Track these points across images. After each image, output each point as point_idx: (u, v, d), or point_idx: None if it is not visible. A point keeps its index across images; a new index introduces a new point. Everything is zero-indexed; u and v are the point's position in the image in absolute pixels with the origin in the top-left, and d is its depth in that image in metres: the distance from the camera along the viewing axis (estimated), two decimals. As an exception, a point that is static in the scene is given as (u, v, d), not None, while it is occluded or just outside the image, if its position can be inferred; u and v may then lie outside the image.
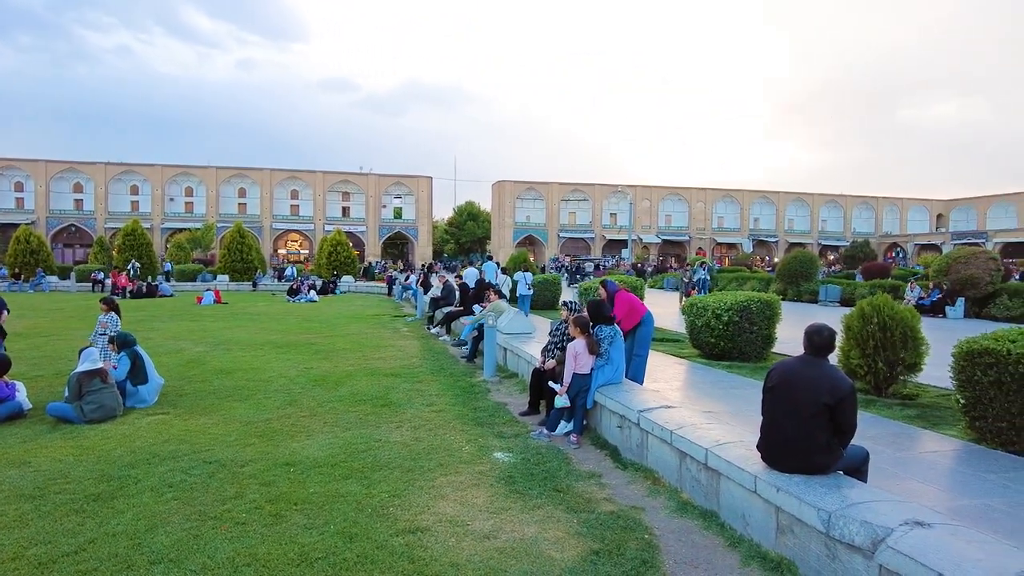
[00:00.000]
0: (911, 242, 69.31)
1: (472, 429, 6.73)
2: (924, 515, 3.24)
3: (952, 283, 20.76)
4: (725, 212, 75.69)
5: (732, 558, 3.87)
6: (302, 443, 6.15)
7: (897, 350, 8.03)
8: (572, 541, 4.08)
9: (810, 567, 3.52)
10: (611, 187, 72.06)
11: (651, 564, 3.78)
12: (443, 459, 5.69)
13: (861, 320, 8.24)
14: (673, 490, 4.94)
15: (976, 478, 5.17)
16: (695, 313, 11.28)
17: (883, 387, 8.15)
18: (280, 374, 9.74)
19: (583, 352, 6.41)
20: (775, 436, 3.97)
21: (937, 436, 6.38)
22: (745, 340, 10.75)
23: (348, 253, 43.37)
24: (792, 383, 3.92)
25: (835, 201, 77.67)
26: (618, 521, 4.38)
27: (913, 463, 5.58)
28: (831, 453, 3.81)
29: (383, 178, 70.91)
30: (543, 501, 4.75)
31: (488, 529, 4.23)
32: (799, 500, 3.58)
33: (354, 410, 7.49)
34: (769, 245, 74.76)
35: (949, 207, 78.41)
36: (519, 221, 71.33)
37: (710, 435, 4.75)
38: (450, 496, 4.81)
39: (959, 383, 6.22)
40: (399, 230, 71.73)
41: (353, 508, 4.54)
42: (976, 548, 2.86)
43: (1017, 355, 5.55)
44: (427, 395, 8.38)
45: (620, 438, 5.97)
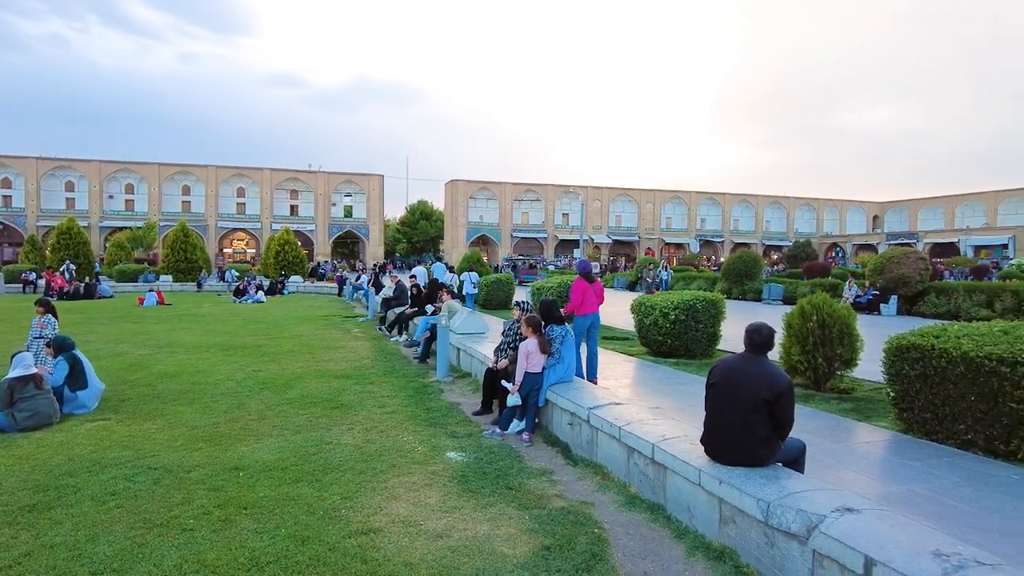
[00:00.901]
0: (850, 242, 72.20)
1: (425, 430, 6.74)
2: (854, 502, 3.44)
3: (886, 282, 21.76)
4: (673, 213, 77.36)
5: (678, 549, 4.01)
6: (251, 447, 6.06)
7: (835, 346, 8.40)
8: (524, 537, 4.16)
9: (751, 555, 3.69)
10: (563, 188, 72.74)
11: (600, 557, 3.88)
12: (396, 460, 5.69)
13: (801, 318, 8.59)
14: (622, 485, 5.08)
15: (903, 466, 5.48)
16: (643, 312, 11.53)
17: (822, 382, 8.51)
18: (227, 377, 9.53)
19: (535, 351, 6.50)
20: (717, 430, 4.13)
21: (870, 427, 6.71)
22: (691, 338, 11.06)
23: (296, 252, 42.55)
24: (733, 379, 4.09)
25: (778, 202, 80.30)
26: (569, 516, 4.48)
27: (847, 454, 5.86)
28: (770, 446, 3.99)
29: (333, 176, 69.83)
30: (495, 499, 4.81)
31: (441, 528, 4.27)
32: (740, 491, 3.74)
33: (304, 413, 7.40)
34: (715, 245, 76.73)
35: (884, 209, 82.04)
36: (472, 221, 71.30)
37: (657, 431, 4.90)
38: (403, 497, 4.83)
39: (889, 377, 6.56)
40: (349, 229, 70.77)
41: (304, 511, 4.51)
42: (899, 531, 3.06)
43: (940, 350, 5.90)
44: (379, 396, 8.33)
45: (571, 435, 6.09)
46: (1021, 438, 5.35)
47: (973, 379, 5.60)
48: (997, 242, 58.12)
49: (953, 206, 72.40)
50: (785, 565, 3.42)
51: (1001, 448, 5.51)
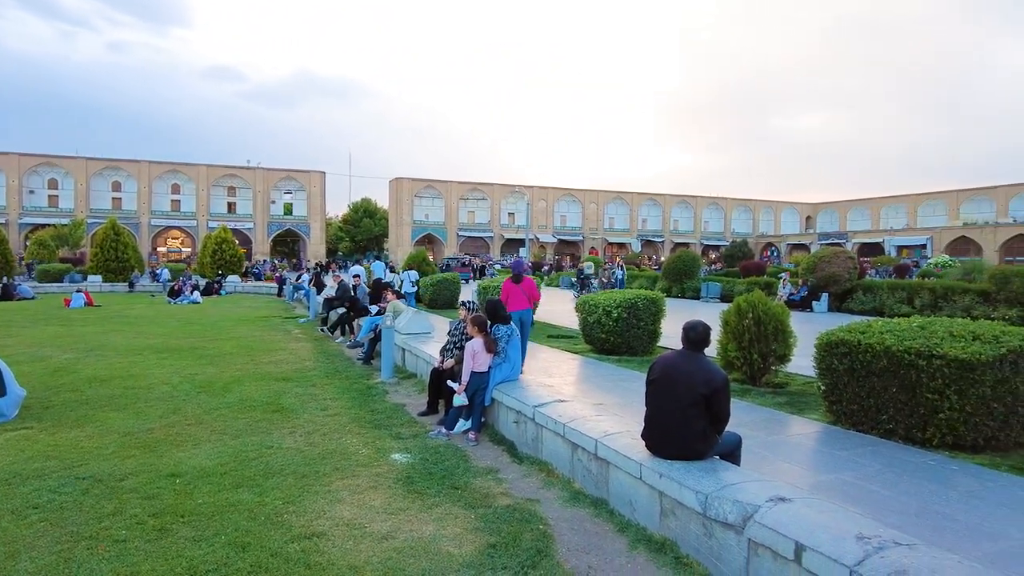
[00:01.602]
0: (784, 242, 75.04)
1: (369, 432, 6.68)
2: (786, 492, 3.60)
3: (817, 280, 22.74)
4: (616, 213, 78.73)
5: (621, 542, 4.10)
6: (188, 452, 5.86)
7: (769, 343, 8.73)
8: (470, 536, 4.17)
9: (690, 546, 3.81)
10: (509, 187, 73.00)
11: (545, 554, 3.94)
12: (339, 463, 5.62)
13: (738, 315, 8.89)
14: (566, 481, 5.16)
15: (832, 456, 5.76)
16: (587, 310, 11.71)
17: (757, 377, 8.83)
18: (162, 381, 9.18)
19: (481, 351, 6.52)
20: (657, 425, 4.25)
21: (802, 420, 7.01)
22: (633, 335, 11.30)
23: (234, 251, 41.26)
24: (671, 376, 4.22)
25: (716, 203, 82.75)
26: (514, 514, 4.52)
27: (782, 445, 6.11)
28: (708, 440, 4.13)
29: (272, 172, 68.07)
30: (441, 499, 4.81)
31: (386, 530, 4.24)
32: (680, 485, 3.86)
33: (243, 416, 7.21)
34: (656, 245, 78.47)
35: (816, 210, 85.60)
36: (417, 219, 70.73)
37: (600, 427, 5.00)
38: (347, 500, 4.77)
39: (820, 371, 6.88)
40: (290, 227, 69.11)
41: (245, 517, 4.40)
42: (827, 517, 3.22)
43: (866, 345, 6.22)
44: (321, 399, 8.19)
45: (517, 433, 6.14)
46: (935, 426, 5.70)
47: (894, 372, 5.93)
48: (917, 242, 61.53)
49: (878, 208, 76.20)
50: (723, 554, 3.55)
51: (918, 436, 5.85)
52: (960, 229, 60.63)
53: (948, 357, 5.56)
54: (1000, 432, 5.72)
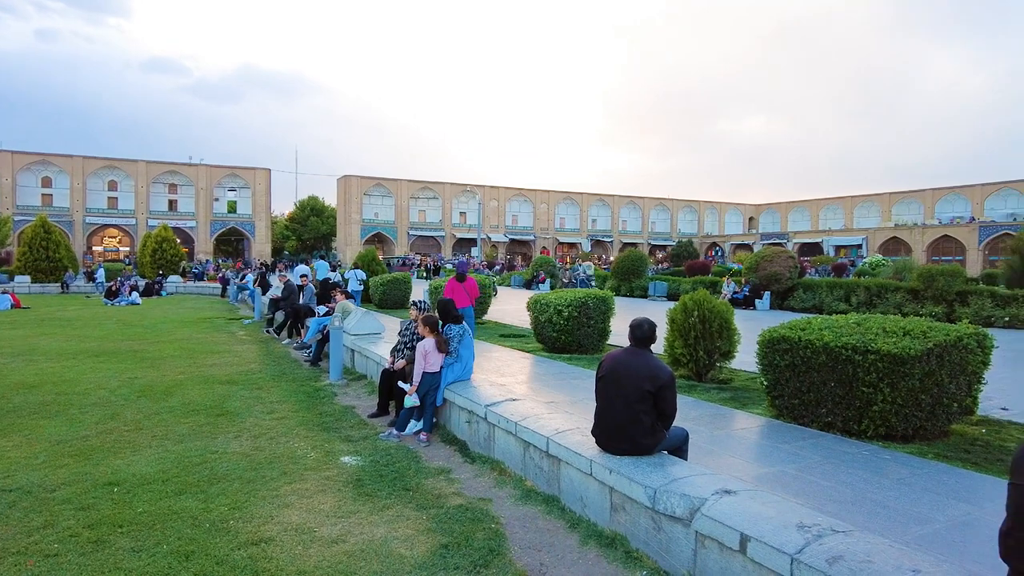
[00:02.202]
0: (728, 242, 77.06)
1: (318, 435, 6.56)
2: (731, 484, 3.71)
3: (759, 279, 23.47)
4: (566, 213, 79.41)
5: (572, 539, 4.15)
6: (127, 460, 5.64)
7: (714, 340, 8.97)
8: (422, 537, 4.15)
9: (640, 540, 3.89)
10: (461, 186, 72.73)
11: (498, 552, 3.95)
12: (287, 467, 5.50)
13: (684, 313, 9.10)
14: (518, 479, 5.18)
15: (774, 449, 5.96)
16: (539, 309, 11.79)
17: (703, 373, 9.06)
18: (98, 386, 8.80)
19: (433, 351, 6.49)
20: (607, 422, 4.32)
21: (746, 415, 7.23)
22: (584, 334, 11.43)
23: (176, 250, 39.89)
24: (619, 372, 4.29)
25: (663, 204, 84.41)
26: (466, 514, 4.52)
27: (727, 439, 6.29)
28: (656, 435, 4.22)
29: (216, 169, 65.97)
30: (393, 501, 4.77)
31: (336, 534, 4.18)
32: (629, 480, 3.93)
33: (186, 421, 6.98)
34: (605, 244, 79.51)
35: (759, 211, 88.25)
36: (367, 218, 69.74)
37: (551, 424, 5.04)
38: (296, 504, 4.68)
39: (762, 367, 7.10)
40: (234, 225, 67.15)
41: (189, 525, 4.26)
42: (770, 508, 3.34)
43: (806, 341, 6.45)
44: (268, 402, 8.01)
45: (469, 433, 6.13)
46: (870, 418, 5.96)
47: (833, 367, 6.18)
48: (853, 242, 64.10)
49: (817, 209, 79.09)
50: (671, 547, 3.63)
51: (855, 428, 6.11)
52: (892, 230, 63.48)
53: (882, 352, 5.83)
54: (927, 422, 6.03)
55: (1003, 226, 53.53)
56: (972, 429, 6.53)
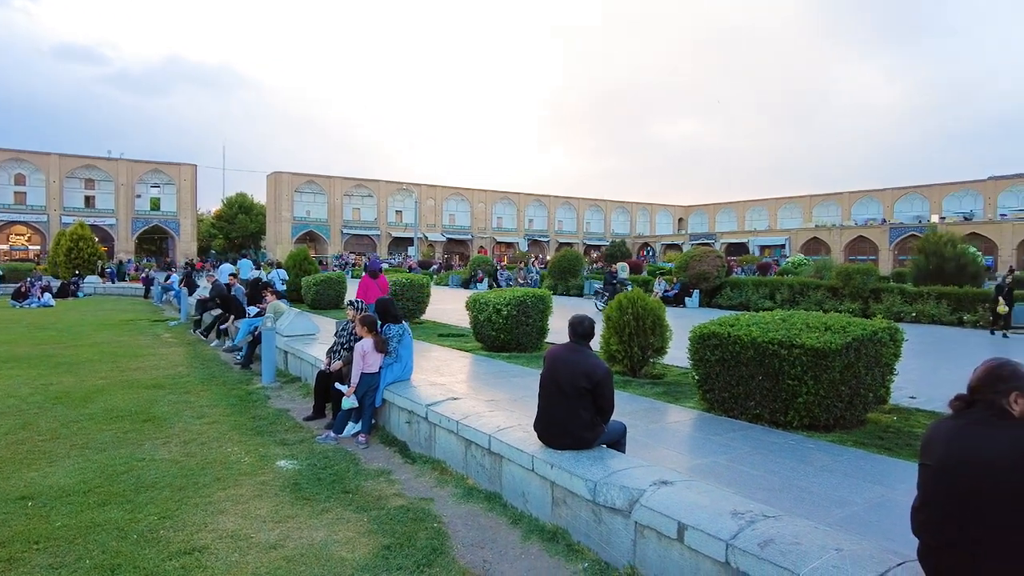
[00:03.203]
0: (659, 242, 79.21)
1: (251, 439, 6.37)
2: (668, 475, 3.83)
3: (689, 277, 24.24)
4: (503, 213, 79.78)
5: (514, 534, 4.19)
6: (43, 471, 5.31)
7: (648, 336, 9.22)
8: (363, 539, 4.10)
9: (581, 532, 3.96)
10: (396, 184, 71.91)
11: (441, 551, 3.95)
12: (220, 473, 5.32)
13: (619, 311, 9.31)
14: (460, 477, 5.19)
15: (707, 440, 6.18)
16: (478, 308, 11.80)
17: (637, 369, 9.30)
18: (7, 393, 8.24)
19: (371, 351, 6.41)
20: (548, 417, 4.39)
21: (679, 408, 7.46)
22: (522, 332, 11.53)
23: (94, 249, 37.73)
24: (558, 368, 4.37)
25: (597, 205, 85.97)
26: (408, 514, 4.49)
27: (662, 432, 6.48)
28: (595, 429, 4.31)
29: (138, 164, 62.91)
30: (332, 504, 4.69)
31: (274, 539, 4.08)
32: (570, 474, 4.01)
33: (109, 428, 6.64)
34: (542, 244, 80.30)
35: (688, 212, 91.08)
36: (298, 216, 68.00)
37: (493, 422, 5.08)
38: (230, 510, 4.53)
39: (694, 362, 7.35)
40: (157, 223, 64.18)
41: (114, 537, 4.06)
42: (704, 497, 3.47)
43: (735, 337, 6.72)
44: (197, 406, 7.71)
45: (409, 433, 6.09)
46: (795, 410, 6.27)
47: (760, 361, 6.46)
48: (777, 242, 67.07)
49: (743, 210, 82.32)
50: (611, 539, 3.72)
51: (781, 419, 6.42)
52: (812, 231, 66.75)
53: (806, 347, 6.14)
54: (847, 412, 6.40)
55: (910, 228, 57.17)
56: (885, 417, 6.96)
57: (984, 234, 52.75)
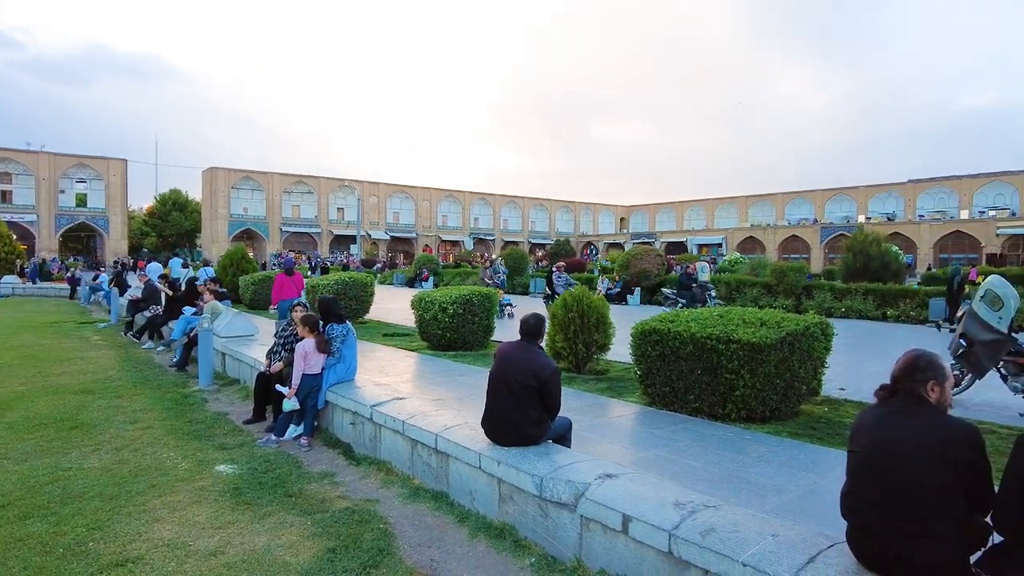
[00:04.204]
0: (602, 241, 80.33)
1: (188, 444, 6.15)
2: (613, 469, 3.91)
3: (631, 275, 24.72)
4: (449, 211, 79.41)
5: (461, 533, 4.19)
6: (-44, 484, 5.00)
7: (592, 333, 9.36)
8: (307, 543, 4.03)
9: (528, 528, 4.00)
10: (338, 181, 70.55)
11: (387, 552, 3.91)
12: (155, 480, 5.12)
13: (564, 309, 9.42)
14: (406, 478, 5.15)
15: (649, 434, 6.33)
16: (423, 307, 11.72)
17: (582, 365, 9.43)
18: (-85, 402, 7.70)
19: (313, 351, 6.29)
20: (496, 414, 4.40)
21: (622, 403, 7.60)
22: (469, 330, 11.52)
23: (11, 247, 35.61)
24: (507, 366, 4.40)
25: (542, 204, 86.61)
26: (353, 516, 4.44)
27: (606, 427, 6.59)
28: (542, 426, 4.36)
29: (61, 158, 59.64)
30: (274, 508, 4.59)
31: (214, 546, 3.96)
32: (517, 470, 4.04)
33: (31, 437, 6.29)
34: (487, 243, 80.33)
35: (630, 212, 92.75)
36: (235, 213, 65.89)
37: (440, 421, 5.06)
38: (166, 518, 4.37)
39: (636, 358, 7.50)
40: (84, 220, 61.04)
41: (38, 552, 3.85)
42: (648, 489, 3.56)
43: (674, 333, 6.90)
44: (130, 411, 7.39)
45: (353, 435, 6.00)
46: (733, 403, 6.49)
47: (699, 356, 6.65)
48: (714, 241, 69.05)
49: (682, 210, 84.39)
50: (558, 533, 3.77)
51: (720, 412, 6.62)
52: (748, 230, 69.04)
53: (742, 341, 6.35)
54: (782, 404, 6.65)
55: (840, 227, 59.84)
56: (817, 408, 7.28)
57: (905, 234, 55.69)
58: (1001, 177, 58.90)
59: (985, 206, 57.81)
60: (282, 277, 12.65)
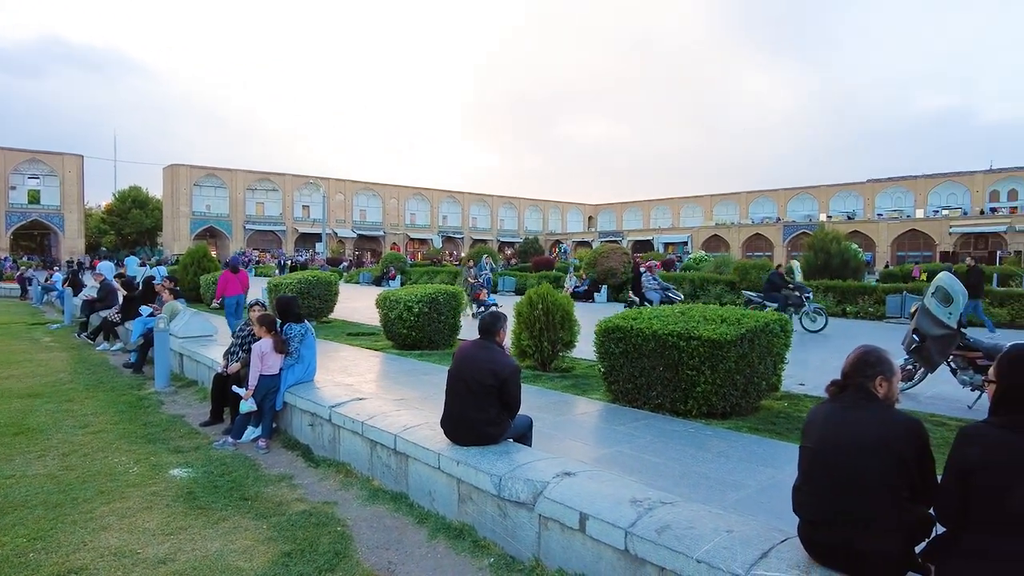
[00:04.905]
0: (570, 239, 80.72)
1: (142, 447, 5.97)
2: (572, 467, 3.89)
3: (598, 273, 24.86)
4: (417, 209, 78.91)
5: (420, 534, 4.14)
6: None
7: (557, 331, 9.38)
8: (262, 547, 3.93)
9: (487, 528, 3.96)
10: (303, 178, 69.49)
11: (344, 555, 3.84)
12: (104, 486, 4.95)
13: (529, 307, 9.42)
14: (365, 479, 5.08)
15: (612, 431, 6.35)
16: (388, 306, 11.61)
17: (547, 363, 9.44)
18: None
19: (270, 352, 6.16)
20: (454, 414, 4.36)
21: (586, 400, 7.62)
22: (434, 329, 11.44)
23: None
24: (465, 365, 4.35)
25: (511, 203, 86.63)
26: (310, 519, 4.35)
27: (569, 424, 6.60)
28: (501, 424, 4.33)
29: (12, 153, 57.64)
30: (229, 512, 4.47)
31: (164, 553, 3.83)
32: (475, 469, 4.00)
33: (-27, 443, 6.04)
34: (456, 241, 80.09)
35: (598, 210, 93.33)
36: (198, 211, 64.50)
37: (400, 421, 4.99)
38: (114, 526, 4.22)
39: (599, 355, 7.53)
40: (37, 218, 59.08)
41: (-27, 564, 3.69)
42: (606, 486, 3.55)
43: (637, 330, 6.94)
44: (81, 415, 7.15)
45: (312, 436, 5.90)
46: (694, 399, 6.55)
47: (661, 353, 6.70)
48: (680, 239, 69.91)
49: (649, 209, 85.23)
50: (517, 532, 3.74)
51: (681, 408, 6.68)
52: (713, 228, 70.06)
53: (703, 338, 6.41)
54: (742, 400, 6.74)
55: (802, 226, 61.11)
56: (777, 403, 7.39)
57: (864, 232, 57.14)
58: (953, 178, 60.84)
59: (939, 205, 59.64)
60: (227, 274, 13.25)
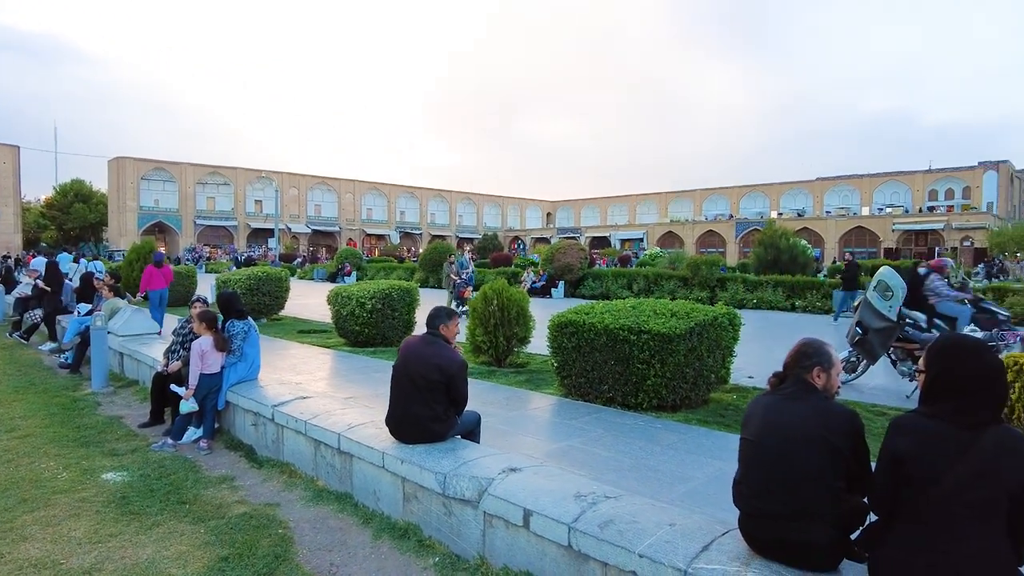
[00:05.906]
0: (529, 236, 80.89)
1: (73, 451, 5.69)
2: (518, 462, 3.85)
3: (554, 269, 24.95)
4: (374, 204, 77.91)
5: (365, 535, 4.04)
6: None
7: (512, 326, 9.33)
8: (198, 553, 3.78)
9: (432, 527, 3.89)
10: (255, 172, 67.85)
11: (284, 558, 3.72)
12: (27, 493, 4.69)
13: (484, 302, 9.35)
14: (310, 480, 4.94)
15: (563, 425, 6.34)
16: (340, 303, 11.38)
17: (502, 359, 9.39)
18: None
19: (211, 350, 5.94)
20: (399, 411, 4.26)
21: (539, 395, 7.60)
22: (388, 326, 11.26)
23: None
24: (411, 361, 4.26)
25: (469, 199, 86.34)
26: (250, 522, 4.20)
27: (521, 420, 6.56)
28: (448, 421, 4.25)
29: (-60, 145, 54.66)
30: (164, 517, 4.29)
31: (90, 563, 3.64)
32: (420, 468, 3.91)
33: None
34: (414, 237, 79.37)
35: (556, 207, 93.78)
36: (146, 205, 62.34)
37: (344, 420, 4.87)
38: (37, 535, 3.99)
39: (553, 350, 7.51)
40: (-31, 213, 56.20)
41: None
42: (552, 481, 3.52)
43: (589, 324, 6.94)
44: (8, 419, 6.78)
45: (255, 436, 5.72)
46: (644, 392, 6.58)
47: (612, 347, 6.71)
48: (636, 236, 70.72)
49: (606, 206, 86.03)
50: (462, 530, 3.68)
51: (632, 401, 6.71)
52: (668, 225, 71.09)
53: (652, 332, 6.45)
54: (692, 392, 6.81)
55: (753, 223, 62.49)
56: (726, 396, 7.50)
57: (813, 228, 58.76)
58: (896, 176, 63.15)
59: (883, 203, 61.81)
60: (151, 268, 13.16)
